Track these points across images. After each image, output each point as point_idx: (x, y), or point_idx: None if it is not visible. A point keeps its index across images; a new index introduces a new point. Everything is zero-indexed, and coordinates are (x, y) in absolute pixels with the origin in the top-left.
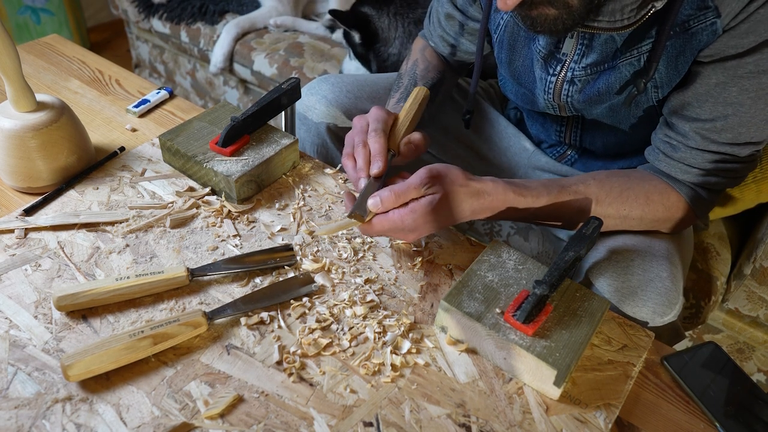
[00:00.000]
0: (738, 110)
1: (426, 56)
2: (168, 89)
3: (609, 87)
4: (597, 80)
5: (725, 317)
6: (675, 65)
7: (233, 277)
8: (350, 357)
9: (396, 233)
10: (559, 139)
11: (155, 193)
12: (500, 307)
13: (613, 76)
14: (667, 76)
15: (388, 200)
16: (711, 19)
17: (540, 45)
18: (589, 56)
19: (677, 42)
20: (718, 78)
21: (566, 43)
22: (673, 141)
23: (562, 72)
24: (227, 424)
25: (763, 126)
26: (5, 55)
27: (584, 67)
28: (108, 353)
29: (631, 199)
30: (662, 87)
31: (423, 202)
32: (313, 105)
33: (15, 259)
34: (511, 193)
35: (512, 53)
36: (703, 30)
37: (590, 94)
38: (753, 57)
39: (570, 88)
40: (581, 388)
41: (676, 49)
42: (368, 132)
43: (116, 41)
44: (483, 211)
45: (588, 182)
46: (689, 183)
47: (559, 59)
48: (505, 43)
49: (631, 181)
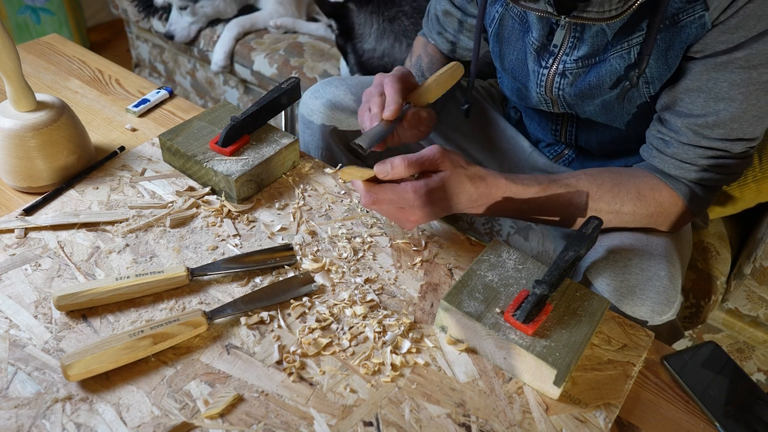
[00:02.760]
0: (729, 105)
1: (429, 51)
2: (168, 89)
3: (600, 80)
4: (588, 73)
5: (725, 317)
6: (665, 59)
7: (233, 276)
8: (350, 357)
9: (396, 212)
10: (555, 137)
11: (155, 193)
12: (500, 306)
13: (603, 69)
14: (658, 70)
15: (398, 167)
16: (699, 12)
17: (533, 37)
18: (580, 48)
19: (666, 35)
20: (708, 73)
21: (557, 35)
22: (666, 137)
23: (554, 65)
24: (227, 423)
25: (754, 122)
26: (5, 54)
27: (575, 59)
28: (108, 353)
29: (622, 194)
30: (653, 82)
31: (435, 178)
32: (316, 108)
33: (15, 258)
34: (502, 179)
35: (506, 46)
36: (692, 23)
37: (582, 87)
38: (743, 52)
39: (561, 81)
40: (581, 388)
41: (665, 43)
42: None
43: (116, 41)
44: (479, 198)
45: (579, 176)
46: (683, 179)
47: (551, 52)
48: (499, 36)
49: (623, 176)
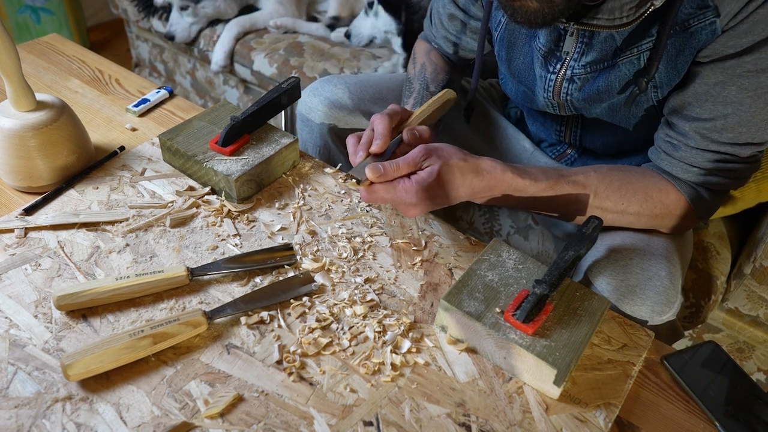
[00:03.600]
0: (738, 109)
1: (432, 59)
2: (168, 89)
3: (609, 86)
4: (596, 79)
5: (725, 317)
6: (674, 65)
7: (233, 276)
8: (350, 356)
9: (396, 204)
10: (558, 138)
11: (155, 193)
12: (500, 306)
13: (612, 75)
14: (667, 75)
15: (388, 172)
16: (710, 19)
17: (540, 43)
18: (588, 54)
19: (677, 41)
20: (717, 77)
21: (567, 42)
22: (674, 140)
23: (562, 70)
24: (227, 423)
25: (763, 126)
26: (5, 54)
27: (584, 65)
28: (108, 353)
29: (629, 194)
30: (662, 87)
31: (422, 174)
32: (315, 106)
33: (15, 258)
34: (509, 172)
35: (512, 51)
36: (703, 29)
37: (590, 92)
38: (752, 56)
39: (569, 86)
40: (581, 388)
41: (675, 48)
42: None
43: (116, 41)
44: (482, 191)
45: (588, 173)
46: (690, 182)
47: (559, 57)
48: (506, 40)
49: (632, 175)
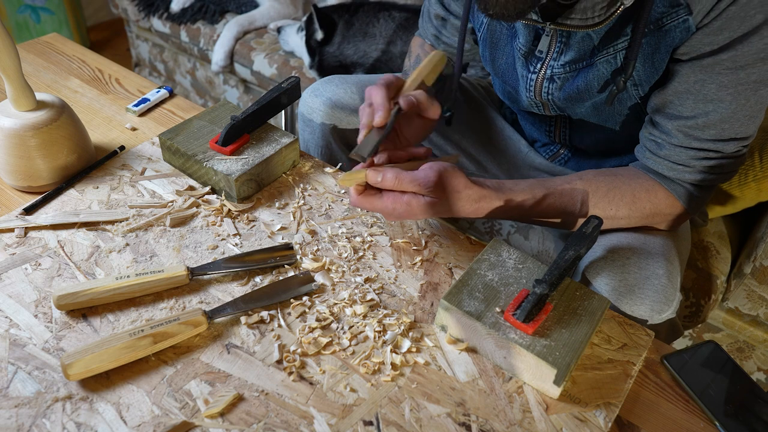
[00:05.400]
0: (719, 106)
1: (426, 51)
2: (168, 88)
3: (588, 85)
4: (576, 78)
5: (725, 316)
6: (651, 62)
7: (233, 276)
8: (350, 356)
9: (383, 213)
10: (549, 138)
11: (155, 192)
12: (500, 306)
13: (591, 74)
14: (645, 73)
15: (389, 180)
16: (683, 17)
17: (520, 42)
18: (567, 54)
19: (652, 39)
20: (696, 75)
21: (543, 41)
22: (658, 139)
23: (542, 70)
24: (227, 423)
25: (746, 121)
26: (5, 54)
27: (563, 64)
28: (108, 352)
29: (617, 199)
30: (641, 84)
31: (421, 201)
32: (316, 107)
33: (15, 258)
34: (501, 198)
35: (495, 51)
36: (676, 27)
37: (570, 91)
38: (728, 53)
39: (550, 85)
40: (581, 387)
41: (651, 47)
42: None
43: (116, 40)
44: (479, 212)
45: (574, 182)
46: (677, 180)
47: (539, 57)
48: (488, 40)
49: (618, 179)
